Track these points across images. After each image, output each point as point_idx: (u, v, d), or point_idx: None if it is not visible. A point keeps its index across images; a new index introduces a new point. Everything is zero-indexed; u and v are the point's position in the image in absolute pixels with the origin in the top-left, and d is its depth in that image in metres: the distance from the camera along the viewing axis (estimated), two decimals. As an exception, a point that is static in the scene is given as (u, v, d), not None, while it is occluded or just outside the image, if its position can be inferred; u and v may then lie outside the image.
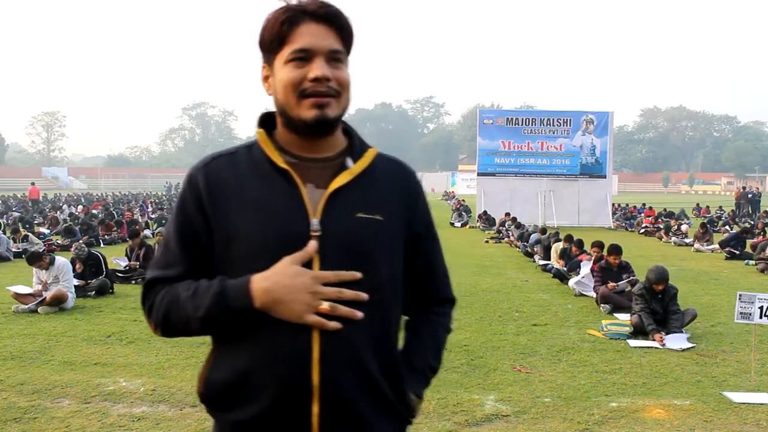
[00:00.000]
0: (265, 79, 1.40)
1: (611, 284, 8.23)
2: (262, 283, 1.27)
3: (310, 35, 1.32)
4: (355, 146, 1.44)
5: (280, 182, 1.35)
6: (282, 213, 1.33)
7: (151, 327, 1.40)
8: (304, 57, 1.32)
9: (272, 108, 1.43)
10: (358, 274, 1.29)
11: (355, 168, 1.39)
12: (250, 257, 1.31)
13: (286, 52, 1.33)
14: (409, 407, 1.43)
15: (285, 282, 1.26)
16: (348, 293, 1.28)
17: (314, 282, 1.27)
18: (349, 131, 1.46)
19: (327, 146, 1.40)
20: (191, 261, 1.38)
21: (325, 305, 1.26)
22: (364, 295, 1.30)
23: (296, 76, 1.32)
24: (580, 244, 10.81)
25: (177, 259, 1.38)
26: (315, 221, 1.32)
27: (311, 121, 1.32)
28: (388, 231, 1.39)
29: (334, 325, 1.27)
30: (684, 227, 19.10)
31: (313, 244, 1.29)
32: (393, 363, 1.40)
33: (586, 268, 9.49)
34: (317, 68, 1.31)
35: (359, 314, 1.28)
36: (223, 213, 1.35)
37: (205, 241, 1.37)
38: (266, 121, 1.43)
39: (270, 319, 1.28)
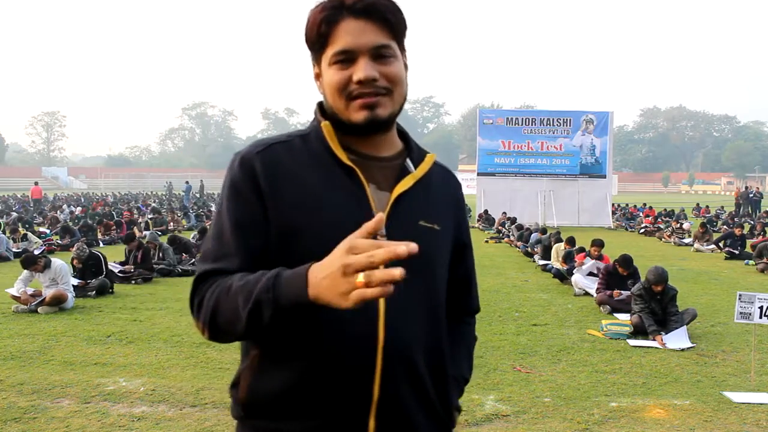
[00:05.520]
0: (317, 77, 1.33)
1: (616, 292, 8.21)
2: (316, 268, 1.08)
3: (350, 34, 1.24)
4: (413, 149, 1.38)
5: (343, 179, 1.27)
6: (347, 211, 1.25)
7: (198, 327, 1.25)
8: (347, 58, 1.24)
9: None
10: (412, 245, 0.99)
11: (417, 172, 1.34)
12: (312, 255, 1.14)
13: (329, 54, 1.26)
14: (453, 419, 1.42)
15: (326, 261, 1.05)
16: (379, 254, 0.99)
17: (344, 254, 1.02)
18: (404, 133, 1.41)
19: (385, 145, 1.34)
20: (249, 253, 1.25)
21: (360, 278, 1.00)
22: (402, 247, 0.99)
23: (341, 79, 1.25)
24: (581, 251, 10.73)
25: (233, 251, 1.25)
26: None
27: (362, 123, 1.26)
28: (444, 241, 1.38)
29: (375, 292, 0.99)
30: (686, 225, 19.09)
31: (380, 216, 1.04)
32: (443, 376, 1.37)
33: (586, 265, 9.54)
34: (361, 70, 1.23)
35: (397, 272, 0.99)
36: (284, 204, 1.25)
37: (264, 232, 1.25)
38: (322, 112, 1.35)
39: (326, 325, 1.21)
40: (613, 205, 26.41)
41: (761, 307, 5.26)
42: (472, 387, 5.09)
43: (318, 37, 1.27)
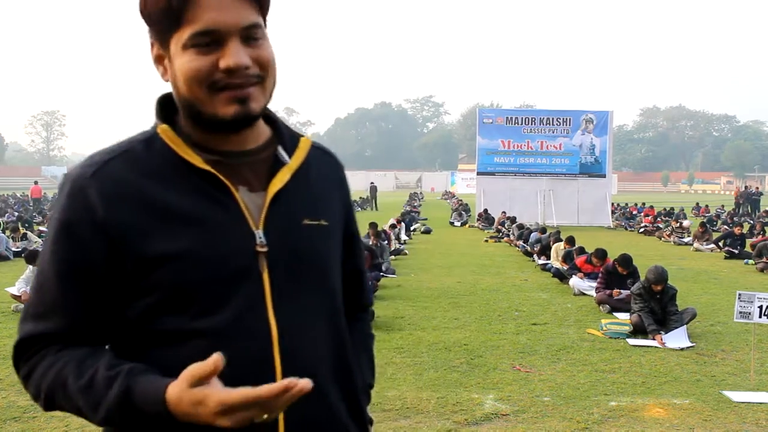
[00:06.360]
0: (158, 60, 1.07)
1: (615, 291, 8.20)
2: (178, 405, 0.93)
3: (214, 10, 0.99)
4: (283, 134, 1.16)
5: (204, 188, 1.05)
6: (216, 227, 1.04)
7: (31, 398, 1.08)
8: (211, 41, 1.00)
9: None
10: (303, 382, 0.92)
11: (292, 163, 1.13)
12: (183, 288, 1.02)
13: (184, 35, 1.00)
14: None
15: (193, 410, 0.92)
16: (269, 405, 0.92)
17: (216, 416, 0.92)
18: (269, 115, 1.17)
19: (251, 136, 1.11)
20: (79, 309, 1.02)
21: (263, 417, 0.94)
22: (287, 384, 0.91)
23: (203, 67, 1.00)
24: (581, 251, 10.70)
25: (57, 307, 1.02)
26: (260, 233, 1.06)
27: (230, 119, 1.03)
28: (334, 237, 1.19)
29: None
30: (686, 222, 19.09)
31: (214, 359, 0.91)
32: (354, 392, 1.20)
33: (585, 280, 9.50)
34: (232, 55, 1.00)
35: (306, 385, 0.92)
36: (136, 232, 1.01)
37: (105, 276, 1.02)
38: (166, 106, 1.11)
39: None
40: (612, 204, 26.42)
41: (761, 307, 5.26)
42: (471, 386, 5.10)
43: (166, 13, 1.00)
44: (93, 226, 1.01)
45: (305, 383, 0.91)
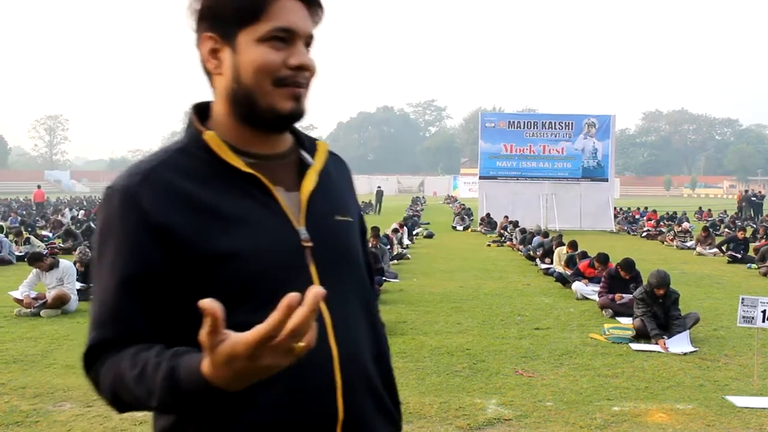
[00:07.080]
0: (213, 53, 1.13)
1: (618, 295, 8.19)
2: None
3: (292, 13, 1.11)
4: (303, 139, 1.26)
5: (246, 189, 1.12)
6: (265, 225, 1.12)
7: (107, 404, 1.09)
8: (286, 38, 1.11)
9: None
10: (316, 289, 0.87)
11: (317, 165, 1.23)
12: (242, 283, 1.07)
13: (263, 28, 1.09)
14: (401, 416, 1.33)
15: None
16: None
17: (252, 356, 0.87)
18: None
19: (282, 140, 1.21)
20: (140, 316, 1.06)
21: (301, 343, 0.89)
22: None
23: (275, 60, 1.10)
24: (583, 255, 10.68)
25: (120, 316, 1.05)
26: (303, 230, 1.15)
27: (286, 113, 1.13)
28: (357, 232, 1.30)
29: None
30: (685, 224, 19.06)
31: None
32: (390, 377, 1.29)
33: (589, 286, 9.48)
34: (302, 54, 1.12)
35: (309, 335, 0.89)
36: (193, 234, 1.06)
37: (165, 281, 1.06)
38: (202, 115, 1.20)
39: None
40: (615, 208, 26.38)
41: (764, 311, 5.25)
42: (474, 391, 5.09)
43: (250, 4, 1.09)
44: (149, 232, 1.06)
45: (317, 291, 0.86)
